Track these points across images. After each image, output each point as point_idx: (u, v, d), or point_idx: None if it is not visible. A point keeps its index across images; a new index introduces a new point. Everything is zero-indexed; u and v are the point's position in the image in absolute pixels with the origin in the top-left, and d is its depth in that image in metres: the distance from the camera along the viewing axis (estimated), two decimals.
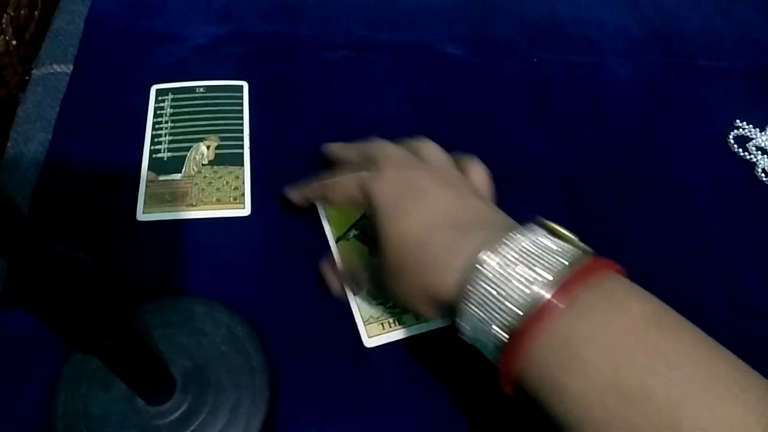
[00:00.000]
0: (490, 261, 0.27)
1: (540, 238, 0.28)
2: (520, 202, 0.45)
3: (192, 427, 0.32)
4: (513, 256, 0.27)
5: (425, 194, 0.32)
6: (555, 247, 0.27)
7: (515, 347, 0.26)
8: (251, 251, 0.41)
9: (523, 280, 0.26)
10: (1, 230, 0.18)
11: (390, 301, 0.39)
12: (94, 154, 0.44)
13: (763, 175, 0.49)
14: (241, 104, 0.48)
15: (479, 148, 0.48)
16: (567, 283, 0.26)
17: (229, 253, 0.41)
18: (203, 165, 0.44)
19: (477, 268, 0.27)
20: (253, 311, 0.37)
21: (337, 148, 0.43)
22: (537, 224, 0.29)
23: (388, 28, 0.55)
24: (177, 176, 0.43)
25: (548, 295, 0.26)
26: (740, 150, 0.50)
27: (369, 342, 0.38)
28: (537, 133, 0.49)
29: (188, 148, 0.45)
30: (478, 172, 0.37)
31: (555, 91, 0.52)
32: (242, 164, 0.44)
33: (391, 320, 0.39)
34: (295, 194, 0.41)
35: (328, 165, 0.43)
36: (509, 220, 0.32)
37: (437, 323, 0.39)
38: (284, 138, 0.47)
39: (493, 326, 0.27)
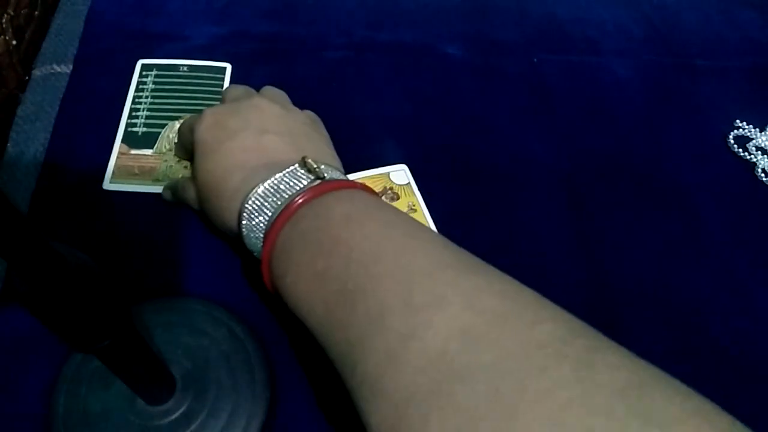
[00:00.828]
0: (256, 189, 0.33)
1: (295, 171, 0.33)
2: (520, 202, 0.45)
3: (192, 427, 0.32)
4: (275, 184, 0.33)
5: (232, 137, 0.36)
6: (305, 177, 0.33)
7: (263, 254, 0.32)
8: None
9: (273, 199, 0.32)
10: (1, 230, 0.18)
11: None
12: (94, 154, 0.44)
13: (763, 175, 0.49)
14: (222, 85, 0.49)
15: (479, 148, 0.48)
16: (301, 197, 0.31)
17: (215, 245, 0.41)
18: (175, 143, 0.45)
19: (248, 197, 0.33)
20: (253, 311, 0.37)
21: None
22: (301, 163, 0.34)
23: (388, 28, 0.55)
24: (148, 152, 0.44)
25: (286, 207, 0.31)
26: (740, 150, 0.50)
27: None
28: (537, 133, 0.49)
29: (164, 125, 0.46)
30: (311, 114, 0.42)
31: (555, 91, 0.52)
32: None
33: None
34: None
35: None
36: (293, 159, 0.35)
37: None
38: None
39: (254, 239, 0.33)
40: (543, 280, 0.39)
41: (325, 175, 0.33)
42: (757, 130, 0.51)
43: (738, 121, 0.52)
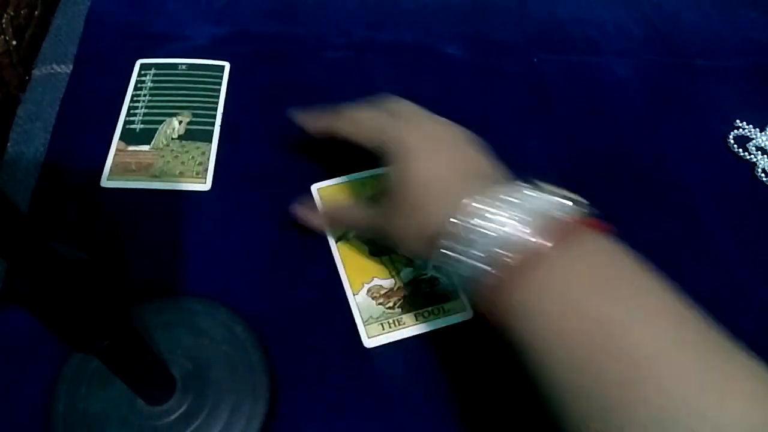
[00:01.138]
0: (479, 204, 0.30)
1: (531, 191, 0.30)
2: None
3: (192, 427, 0.32)
4: (502, 203, 0.29)
5: (447, 145, 0.35)
6: (547, 199, 0.30)
7: (496, 284, 0.28)
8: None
9: (510, 224, 0.29)
10: (1, 230, 0.18)
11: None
12: (94, 154, 0.44)
13: (763, 175, 0.49)
14: (220, 83, 0.49)
15: None
16: (555, 233, 0.28)
17: (215, 245, 0.41)
18: (172, 139, 0.45)
19: (466, 210, 0.30)
20: (253, 311, 0.37)
21: (311, 119, 0.43)
22: (532, 183, 0.32)
23: (388, 28, 0.55)
24: (145, 147, 0.44)
25: (533, 239, 0.28)
26: (740, 150, 0.50)
27: (369, 342, 0.38)
28: (537, 133, 0.49)
29: (161, 122, 0.46)
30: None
31: (555, 91, 0.52)
32: (210, 141, 0.45)
33: (390, 321, 0.39)
34: (310, 121, 0.42)
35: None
36: (506, 174, 0.35)
37: (437, 324, 0.39)
38: (268, 128, 0.47)
39: (475, 262, 0.29)
40: None
41: (583, 206, 0.31)
42: (757, 130, 0.51)
43: (738, 121, 0.52)
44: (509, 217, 0.29)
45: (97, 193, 0.42)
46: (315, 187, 0.44)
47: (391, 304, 0.39)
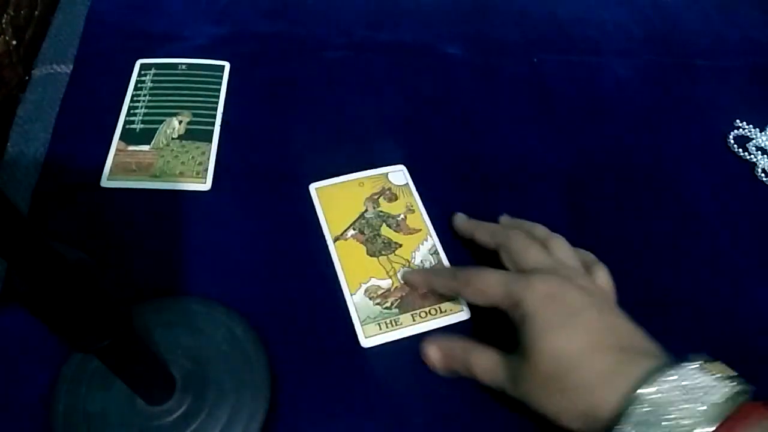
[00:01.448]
0: (652, 393, 0.29)
1: (697, 373, 0.30)
2: (520, 202, 0.45)
3: (192, 427, 0.32)
4: (673, 390, 0.29)
5: (578, 313, 0.33)
6: (713, 383, 0.29)
7: None
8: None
9: (682, 414, 0.28)
10: (1, 230, 0.18)
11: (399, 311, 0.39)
12: (94, 154, 0.44)
13: (763, 175, 0.49)
14: (220, 83, 0.49)
15: (479, 148, 0.48)
16: (728, 422, 0.27)
17: (215, 245, 0.41)
18: (173, 139, 0.45)
19: (640, 399, 0.29)
20: (253, 311, 0.37)
21: (463, 224, 0.42)
22: (690, 359, 0.30)
23: (388, 28, 0.55)
24: (145, 147, 0.44)
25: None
26: (740, 150, 0.50)
27: (366, 342, 0.38)
28: (537, 133, 0.49)
29: (161, 122, 0.46)
30: (604, 277, 0.38)
31: (555, 91, 0.52)
32: (210, 141, 0.45)
33: (388, 321, 0.39)
34: (420, 280, 0.40)
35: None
36: (656, 346, 0.33)
37: (434, 324, 0.39)
38: (266, 128, 0.47)
39: None
40: None
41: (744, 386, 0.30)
42: (757, 130, 0.51)
43: (738, 121, 0.52)
44: (688, 409, 0.29)
45: (97, 193, 0.42)
46: (313, 187, 0.44)
47: (388, 304, 0.39)
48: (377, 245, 0.42)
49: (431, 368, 0.37)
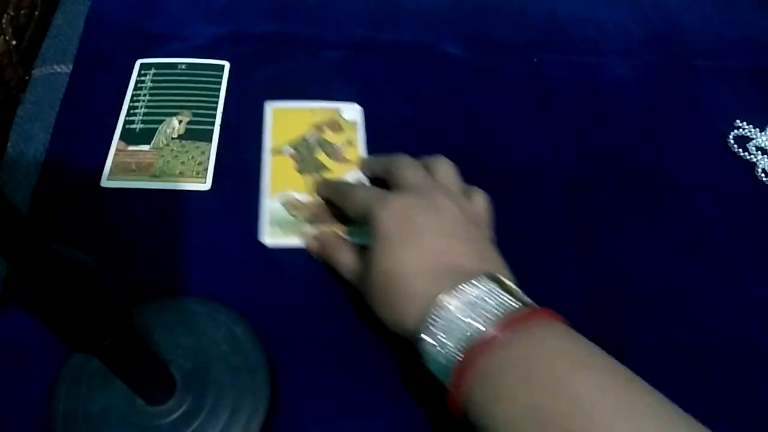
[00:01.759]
0: (447, 303, 0.32)
1: (490, 290, 0.32)
2: (520, 202, 0.45)
3: (192, 427, 0.32)
4: (467, 300, 0.32)
5: (420, 236, 0.35)
6: (502, 298, 0.32)
7: (457, 377, 0.31)
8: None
9: (470, 320, 0.31)
10: (1, 230, 0.18)
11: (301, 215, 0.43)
12: (94, 154, 0.44)
13: (763, 175, 0.49)
14: (220, 83, 0.49)
15: (479, 148, 0.48)
16: (505, 323, 0.30)
17: (215, 245, 0.41)
18: (172, 138, 0.45)
19: (435, 307, 0.32)
20: (253, 311, 0.37)
21: (366, 161, 0.46)
22: (490, 277, 0.33)
23: (388, 28, 0.55)
24: (145, 147, 0.44)
25: (488, 331, 0.30)
26: (740, 150, 0.50)
27: (268, 241, 0.41)
28: (537, 133, 0.49)
29: (161, 122, 0.46)
30: (480, 201, 0.40)
31: (555, 91, 0.52)
32: (210, 140, 0.45)
33: (294, 228, 0.42)
34: (321, 189, 0.43)
35: None
36: (482, 265, 0.34)
37: (355, 239, 0.41)
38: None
39: (442, 358, 0.31)
40: (543, 280, 0.39)
41: (526, 299, 0.32)
42: (757, 130, 0.51)
43: (738, 121, 0.52)
44: (472, 315, 0.31)
45: (97, 193, 0.42)
46: (269, 105, 0.47)
47: (300, 216, 0.42)
48: (308, 165, 0.45)
49: (311, 254, 0.41)
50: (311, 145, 0.45)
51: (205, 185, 0.43)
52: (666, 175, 0.48)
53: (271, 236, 0.41)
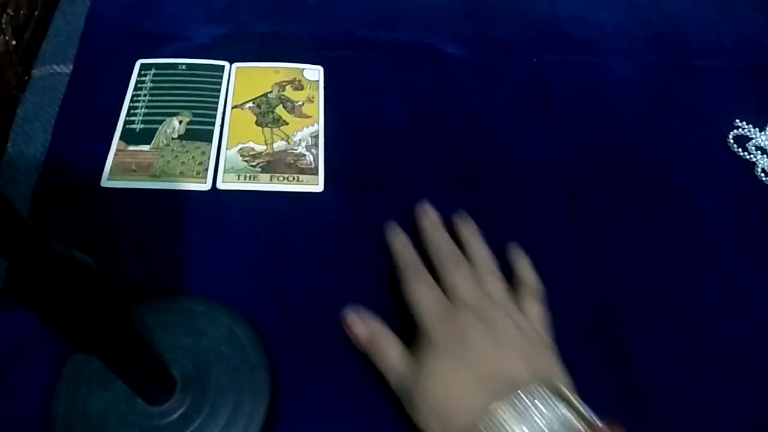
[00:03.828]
0: (499, 413, 0.30)
1: (546, 403, 0.31)
2: (520, 202, 0.45)
3: (192, 427, 0.32)
4: (521, 409, 0.30)
5: (472, 349, 0.34)
6: (560, 414, 0.31)
7: None
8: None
9: (524, 427, 0.30)
10: (1, 230, 0.18)
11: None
12: (94, 154, 0.44)
13: (762, 175, 0.49)
14: (220, 83, 0.49)
15: (479, 148, 0.48)
16: None
17: (215, 245, 0.41)
18: (173, 139, 0.45)
19: (487, 416, 0.31)
20: (253, 311, 0.37)
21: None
22: (550, 388, 0.31)
23: (388, 28, 0.55)
24: (145, 147, 0.45)
25: None
26: (740, 150, 0.50)
27: (221, 185, 0.43)
28: (537, 133, 0.49)
29: (161, 122, 0.46)
30: (534, 310, 0.38)
31: (555, 91, 0.52)
32: (210, 140, 0.45)
33: (248, 175, 0.44)
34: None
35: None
36: (537, 374, 0.33)
37: (287, 188, 0.43)
38: None
39: None
40: (543, 280, 0.39)
41: (581, 409, 0.31)
42: (757, 130, 0.51)
43: (738, 121, 0.52)
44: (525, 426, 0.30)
45: (97, 193, 0.42)
46: (234, 66, 0.49)
47: (254, 164, 0.44)
48: (267, 119, 0.47)
49: (352, 339, 0.37)
50: (272, 101, 0.48)
51: (205, 185, 0.43)
52: (666, 174, 0.48)
53: (225, 182, 0.43)
